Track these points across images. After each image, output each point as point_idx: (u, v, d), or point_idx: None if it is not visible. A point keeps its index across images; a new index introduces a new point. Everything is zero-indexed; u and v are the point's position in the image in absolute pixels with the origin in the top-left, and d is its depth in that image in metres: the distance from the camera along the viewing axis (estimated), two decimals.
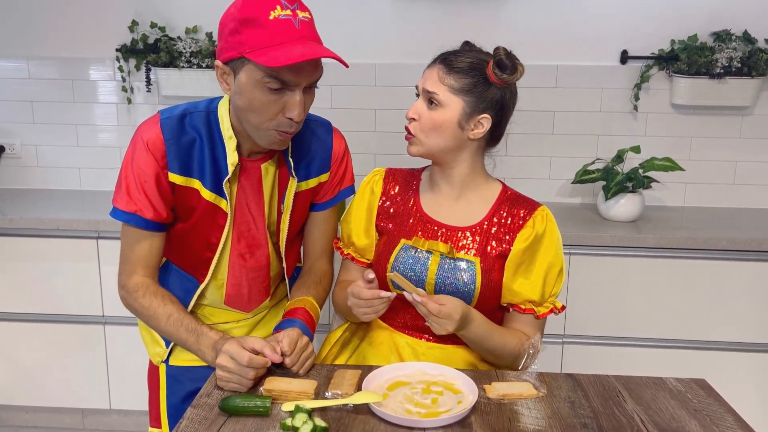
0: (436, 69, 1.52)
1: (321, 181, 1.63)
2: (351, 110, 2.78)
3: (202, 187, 1.50)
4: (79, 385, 2.64)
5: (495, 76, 1.49)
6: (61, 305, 2.57)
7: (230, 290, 1.62)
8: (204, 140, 1.49)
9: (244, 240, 1.58)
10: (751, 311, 2.40)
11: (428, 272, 1.54)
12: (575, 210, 2.72)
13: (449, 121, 1.50)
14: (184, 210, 1.53)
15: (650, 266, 2.39)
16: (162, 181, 1.48)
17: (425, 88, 1.52)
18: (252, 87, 1.36)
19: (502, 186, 1.64)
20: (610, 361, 2.45)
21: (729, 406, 1.34)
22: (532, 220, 1.56)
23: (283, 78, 1.34)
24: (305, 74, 1.35)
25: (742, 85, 2.60)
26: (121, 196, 1.49)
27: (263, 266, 1.62)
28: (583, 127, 2.76)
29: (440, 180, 1.61)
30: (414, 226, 1.59)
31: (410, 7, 2.70)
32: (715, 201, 2.79)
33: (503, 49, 1.51)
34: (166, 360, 1.68)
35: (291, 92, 1.36)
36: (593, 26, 2.68)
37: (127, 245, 1.55)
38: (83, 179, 2.95)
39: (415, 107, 1.54)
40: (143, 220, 1.49)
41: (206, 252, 1.57)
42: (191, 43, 2.68)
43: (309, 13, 1.40)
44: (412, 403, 1.30)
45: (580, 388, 1.40)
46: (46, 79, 2.86)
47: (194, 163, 1.50)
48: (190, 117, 1.50)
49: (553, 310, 1.57)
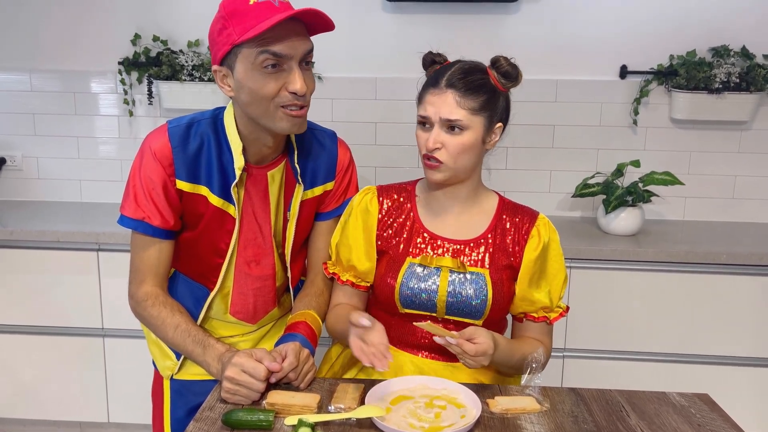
0: (449, 95, 1.48)
1: (326, 189, 1.64)
2: (352, 123, 2.79)
3: (210, 193, 1.51)
4: (78, 398, 2.63)
5: (503, 87, 1.54)
6: (61, 318, 2.56)
7: (235, 299, 1.62)
8: (212, 146, 1.51)
9: (250, 248, 1.59)
10: (752, 325, 2.40)
11: (439, 289, 1.54)
12: (575, 223, 2.72)
13: (475, 141, 1.51)
14: (192, 217, 1.54)
15: (650, 280, 2.40)
16: (170, 189, 1.49)
17: (444, 118, 1.48)
18: (250, 73, 1.38)
19: (499, 196, 1.65)
20: (611, 375, 2.45)
21: (732, 421, 1.34)
22: (536, 229, 1.59)
23: (274, 50, 1.36)
24: (294, 43, 1.38)
25: (741, 100, 2.61)
26: (129, 204, 1.51)
27: (269, 276, 1.63)
28: (583, 141, 2.77)
29: (443, 195, 1.60)
30: (420, 244, 1.58)
31: (410, 22, 2.72)
32: (715, 215, 2.80)
33: (504, 58, 1.54)
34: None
35: (288, 69, 1.39)
36: (593, 41, 2.70)
37: (136, 254, 1.56)
38: (84, 191, 2.95)
39: (435, 137, 1.49)
40: (150, 227, 1.50)
41: (216, 258, 1.58)
42: (193, 57, 2.70)
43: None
44: (416, 417, 1.30)
45: (583, 402, 1.40)
46: (47, 91, 2.87)
47: (202, 170, 1.51)
48: (197, 125, 1.52)
49: (562, 314, 1.61)
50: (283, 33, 1.36)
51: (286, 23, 1.36)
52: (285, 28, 1.36)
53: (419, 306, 1.55)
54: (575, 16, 2.69)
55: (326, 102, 2.76)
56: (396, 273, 1.56)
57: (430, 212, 1.62)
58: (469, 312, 1.54)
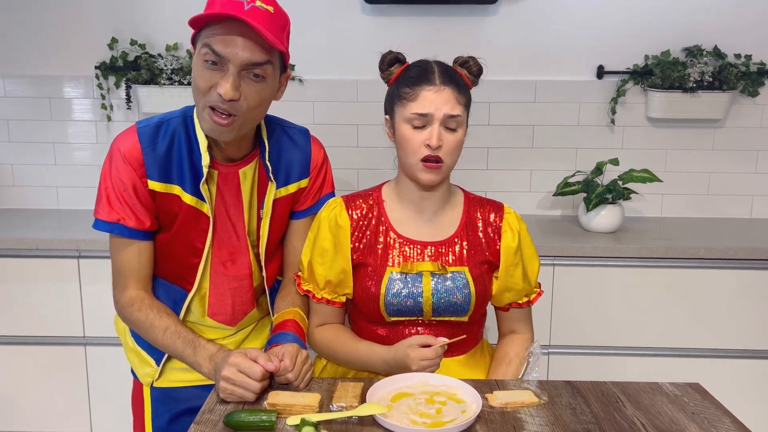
0: (447, 91, 1.49)
1: (300, 186, 1.63)
2: (333, 126, 2.79)
3: (183, 191, 1.50)
4: (60, 408, 2.58)
5: (473, 84, 1.58)
6: (41, 326, 2.51)
7: (212, 300, 1.61)
8: (182, 143, 1.49)
9: (225, 247, 1.57)
10: (731, 318, 2.45)
11: (423, 293, 1.54)
12: (556, 222, 2.76)
13: (464, 137, 1.53)
14: (167, 216, 1.52)
15: (632, 276, 2.44)
16: (142, 190, 1.48)
17: (448, 114, 1.47)
18: (196, 60, 1.39)
19: (462, 190, 1.67)
20: (596, 370, 2.48)
21: (725, 409, 1.37)
22: (506, 222, 1.62)
23: (213, 46, 1.34)
24: (237, 49, 1.34)
25: (714, 98, 2.68)
26: (102, 207, 1.49)
27: (245, 275, 1.61)
28: (562, 141, 2.81)
29: (420, 198, 1.59)
30: (397, 252, 1.57)
31: (390, 24, 2.73)
32: (691, 211, 2.86)
33: (472, 59, 1.57)
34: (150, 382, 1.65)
35: (225, 71, 1.36)
36: (570, 42, 2.74)
37: (115, 258, 1.54)
38: (61, 198, 2.90)
39: (437, 134, 1.47)
40: (126, 229, 1.48)
41: (192, 258, 1.56)
42: (172, 60, 2.67)
43: (273, 7, 1.38)
44: (417, 414, 1.30)
45: (579, 394, 1.42)
46: (22, 97, 2.81)
47: (173, 169, 1.49)
48: (167, 124, 1.51)
49: (540, 293, 1.68)
50: (230, 35, 1.34)
51: (239, 26, 1.33)
52: (234, 30, 1.33)
53: (406, 313, 1.56)
54: (553, 18, 2.73)
55: (307, 104, 2.76)
56: (378, 285, 1.55)
57: (402, 216, 1.61)
58: (455, 311, 1.56)
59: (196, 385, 1.62)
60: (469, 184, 1.66)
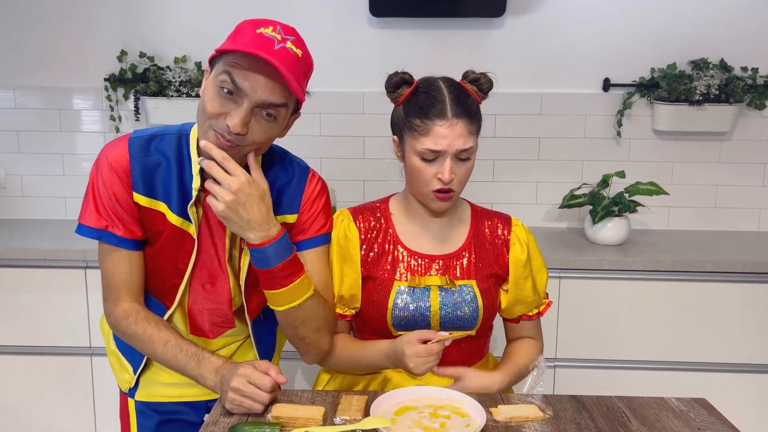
0: (459, 125, 1.44)
1: (286, 221, 1.53)
2: (340, 138, 2.80)
3: (169, 210, 1.46)
4: (65, 418, 2.58)
5: (482, 99, 1.54)
6: (48, 337, 2.52)
7: (192, 318, 1.57)
8: (171, 163, 1.46)
9: (205, 269, 1.53)
10: (739, 332, 2.44)
11: (431, 307, 1.54)
12: (563, 234, 2.76)
13: (474, 160, 1.51)
14: (151, 233, 1.49)
15: (638, 289, 2.43)
16: (128, 201, 1.44)
17: (460, 149, 1.45)
18: (210, 84, 1.35)
19: (469, 203, 1.67)
20: (602, 383, 2.47)
21: (732, 425, 1.36)
22: (514, 234, 1.61)
23: (235, 78, 1.30)
24: (257, 86, 1.31)
25: (720, 111, 2.68)
26: (89, 213, 1.45)
27: (224, 300, 1.56)
28: (568, 153, 2.81)
29: (427, 214, 1.58)
30: (405, 266, 1.56)
31: (397, 37, 2.75)
32: (697, 224, 2.86)
33: (483, 75, 1.53)
34: (132, 394, 1.63)
35: (239, 104, 1.32)
36: (576, 55, 2.75)
37: (105, 268, 1.50)
38: (69, 209, 2.92)
39: (450, 169, 1.45)
40: (114, 237, 1.44)
41: (174, 278, 1.52)
42: (180, 73, 2.69)
43: (302, 51, 1.37)
44: (421, 428, 1.30)
45: (584, 409, 1.41)
46: (32, 108, 2.84)
47: (159, 186, 1.46)
48: (159, 139, 1.47)
49: (549, 304, 1.68)
50: (253, 70, 1.31)
51: (264, 66, 1.31)
52: (258, 66, 1.31)
53: (413, 326, 1.55)
54: (559, 31, 2.74)
55: (314, 116, 2.77)
56: (385, 299, 1.54)
57: (410, 230, 1.60)
58: (463, 324, 1.56)
59: (179, 402, 1.61)
60: (475, 196, 1.65)
